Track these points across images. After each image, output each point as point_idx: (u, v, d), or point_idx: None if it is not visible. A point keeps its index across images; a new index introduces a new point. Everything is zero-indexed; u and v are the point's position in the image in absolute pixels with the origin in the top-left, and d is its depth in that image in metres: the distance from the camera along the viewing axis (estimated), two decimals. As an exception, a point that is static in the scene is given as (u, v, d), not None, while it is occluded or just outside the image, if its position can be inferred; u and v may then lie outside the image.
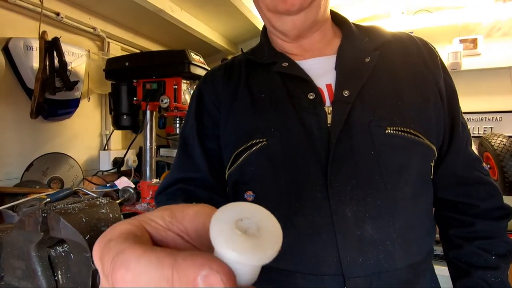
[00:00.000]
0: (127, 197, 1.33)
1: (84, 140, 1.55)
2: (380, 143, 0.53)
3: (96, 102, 1.61)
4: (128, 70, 1.37)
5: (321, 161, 0.53)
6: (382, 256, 0.50)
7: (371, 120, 0.53)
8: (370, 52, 0.59)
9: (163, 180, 0.68)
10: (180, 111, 1.37)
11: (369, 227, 0.51)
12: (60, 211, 0.57)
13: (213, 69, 0.72)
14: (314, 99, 0.56)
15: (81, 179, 1.48)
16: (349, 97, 0.54)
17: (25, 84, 1.22)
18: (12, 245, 0.60)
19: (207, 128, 0.65)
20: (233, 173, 0.60)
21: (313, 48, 0.62)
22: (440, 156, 0.61)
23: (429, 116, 0.56)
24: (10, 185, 1.17)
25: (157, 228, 0.22)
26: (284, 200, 0.54)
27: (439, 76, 0.60)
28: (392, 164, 0.53)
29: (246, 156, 0.58)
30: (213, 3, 1.60)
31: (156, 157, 1.50)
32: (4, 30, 1.17)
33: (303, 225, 0.53)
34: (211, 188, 0.63)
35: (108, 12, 1.50)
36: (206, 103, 0.66)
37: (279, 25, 0.59)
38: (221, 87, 0.65)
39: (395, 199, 0.52)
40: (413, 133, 0.53)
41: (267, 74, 0.62)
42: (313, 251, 0.52)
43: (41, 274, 0.57)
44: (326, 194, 0.52)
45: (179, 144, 0.69)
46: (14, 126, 1.23)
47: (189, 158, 0.65)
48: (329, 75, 0.59)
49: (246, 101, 0.61)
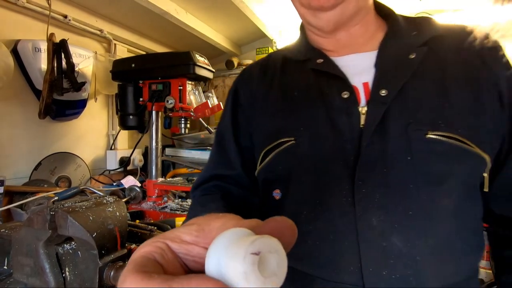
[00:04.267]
0: (133, 196, 1.34)
1: (91, 140, 1.57)
2: (418, 149, 0.47)
3: (103, 103, 1.63)
4: (134, 71, 1.39)
5: (350, 164, 0.49)
6: (410, 272, 0.45)
7: (410, 123, 0.48)
8: (416, 47, 0.52)
9: (199, 175, 0.68)
10: (185, 111, 1.38)
11: (396, 239, 0.46)
12: (68, 209, 0.58)
13: (250, 65, 0.71)
14: (348, 98, 0.51)
15: (88, 178, 1.49)
16: (387, 97, 0.49)
17: (33, 85, 1.23)
18: (20, 242, 0.61)
19: (241, 126, 0.64)
20: (262, 171, 0.59)
21: (352, 43, 0.57)
22: (498, 166, 0.51)
23: (483, 122, 0.48)
24: (19, 184, 1.18)
25: (183, 244, 0.24)
26: (308, 202, 0.51)
27: (501, 76, 0.50)
28: (431, 173, 0.47)
29: (274, 154, 0.56)
30: (218, 6, 1.61)
31: (161, 156, 1.51)
32: (13, 32, 1.19)
33: (325, 229, 0.49)
34: (245, 185, 0.63)
35: (114, 14, 1.52)
36: (240, 100, 0.65)
37: (314, 21, 0.55)
38: (256, 84, 0.64)
39: (431, 211, 0.46)
40: (460, 139, 0.46)
41: (301, 71, 0.59)
42: (333, 257, 0.49)
43: (49, 271, 0.58)
44: (352, 200, 0.47)
45: (215, 140, 0.68)
46: (23, 126, 1.25)
47: (224, 155, 0.65)
48: (367, 73, 0.53)
49: (278, 99, 0.59)
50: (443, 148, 0.46)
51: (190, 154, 1.74)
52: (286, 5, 1.78)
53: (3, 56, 1.06)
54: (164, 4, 1.44)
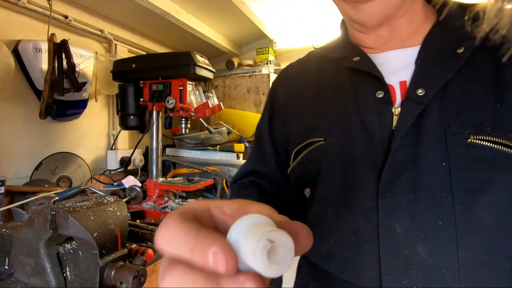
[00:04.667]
0: (134, 196, 1.35)
1: (92, 140, 1.57)
2: (456, 154, 0.42)
3: (103, 103, 1.63)
4: (135, 72, 1.39)
5: (377, 167, 0.46)
6: (435, 285, 0.42)
7: (450, 125, 0.43)
8: (466, 40, 0.46)
9: (240, 168, 0.70)
10: (186, 111, 1.38)
11: (421, 248, 0.43)
12: (69, 209, 0.58)
13: (289, 64, 0.69)
14: (382, 98, 0.48)
15: (89, 178, 1.49)
16: (424, 97, 0.45)
17: (34, 85, 1.24)
18: (21, 242, 0.61)
19: (277, 124, 0.64)
20: (294, 170, 0.59)
21: (394, 38, 0.52)
22: None
23: None
24: (19, 184, 1.19)
25: (222, 214, 0.26)
26: (333, 203, 0.50)
27: None
28: (470, 181, 0.42)
29: (305, 154, 0.55)
30: (218, 6, 1.61)
31: (162, 156, 1.51)
32: (14, 32, 1.19)
33: (347, 231, 0.48)
34: (279, 183, 0.64)
35: (115, 15, 1.52)
36: (278, 99, 0.65)
37: (356, 16, 0.51)
38: (293, 82, 0.64)
39: (465, 222, 0.42)
40: (511, 145, 0.41)
41: (337, 69, 0.56)
42: (354, 260, 0.47)
43: (50, 270, 0.58)
44: (376, 204, 0.45)
45: (254, 137, 0.70)
46: (23, 126, 1.25)
47: (261, 152, 0.66)
48: (407, 70, 0.49)
49: (311, 98, 0.58)
50: (487, 154, 0.41)
51: (191, 154, 1.75)
52: (286, 5, 1.79)
53: (4, 57, 1.07)
54: (165, 5, 1.45)
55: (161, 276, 0.23)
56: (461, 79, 0.45)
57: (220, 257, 0.20)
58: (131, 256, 0.78)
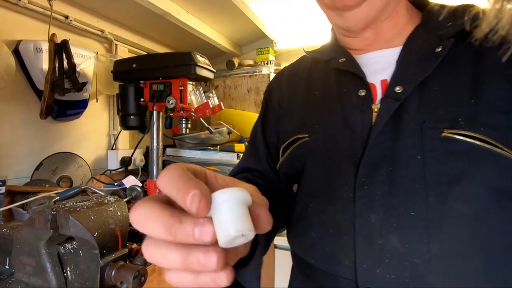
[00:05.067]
0: (135, 196, 1.35)
1: (93, 140, 1.57)
2: (431, 148, 0.44)
3: (104, 103, 1.63)
4: (135, 72, 1.39)
5: (356, 161, 0.49)
6: (407, 274, 0.43)
7: (426, 120, 0.45)
8: (445, 40, 0.48)
9: (234, 166, 0.73)
10: (186, 111, 1.38)
11: (395, 238, 0.44)
12: (69, 209, 0.58)
13: (285, 66, 0.73)
14: (364, 96, 0.51)
15: (90, 178, 1.49)
16: (401, 94, 0.47)
17: (35, 85, 1.24)
18: (22, 242, 0.61)
19: (270, 123, 0.68)
20: (282, 165, 0.62)
21: (379, 39, 0.55)
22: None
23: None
24: (20, 183, 1.19)
25: (213, 181, 0.31)
26: (316, 196, 0.53)
27: None
28: (444, 174, 0.43)
29: (291, 150, 0.59)
30: (218, 6, 1.61)
31: (162, 156, 1.51)
32: (15, 32, 1.19)
33: (327, 223, 0.51)
34: (271, 180, 0.66)
35: (116, 15, 1.52)
36: (272, 99, 0.69)
37: (342, 23, 0.54)
38: (286, 84, 0.67)
39: (438, 214, 0.43)
40: (485, 139, 0.42)
41: (325, 71, 0.60)
42: (332, 251, 0.50)
43: (50, 270, 0.58)
44: (353, 196, 0.48)
45: (250, 135, 0.73)
46: (24, 126, 1.25)
47: (255, 150, 0.69)
48: (388, 69, 0.51)
49: (301, 98, 0.61)
50: (461, 148, 0.43)
51: (191, 154, 1.75)
52: (286, 5, 1.79)
53: (5, 57, 1.07)
54: (165, 5, 1.45)
55: (133, 207, 0.28)
56: (440, 76, 0.47)
57: (197, 199, 0.24)
58: (131, 256, 0.78)
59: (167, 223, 0.25)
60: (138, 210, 0.27)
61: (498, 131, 0.42)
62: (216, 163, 1.67)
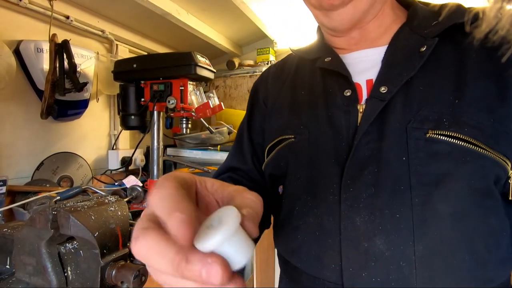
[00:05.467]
0: (135, 195, 1.35)
1: (93, 140, 1.57)
2: (416, 148, 0.44)
3: (104, 103, 1.63)
4: (136, 72, 1.39)
5: (342, 163, 0.48)
6: (393, 277, 0.43)
7: (411, 120, 0.45)
8: (429, 39, 0.48)
9: (220, 165, 0.72)
10: (186, 111, 1.38)
11: (380, 241, 0.44)
12: (70, 209, 0.58)
13: (271, 65, 0.73)
14: (349, 96, 0.50)
15: (90, 177, 1.49)
16: (386, 94, 0.46)
17: (35, 85, 1.24)
18: (23, 242, 0.61)
19: (255, 123, 0.67)
20: (267, 166, 0.61)
21: (365, 38, 0.55)
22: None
23: (504, 122, 0.43)
24: (21, 183, 1.19)
25: (204, 189, 0.32)
26: (301, 198, 0.52)
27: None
28: (428, 174, 0.43)
29: (276, 151, 0.58)
30: (218, 6, 1.61)
31: (163, 156, 1.51)
32: (16, 33, 1.20)
33: (312, 225, 0.50)
34: (255, 180, 0.65)
35: (116, 15, 1.52)
36: (258, 99, 0.68)
37: (328, 22, 0.54)
38: (271, 83, 0.66)
39: (422, 215, 0.43)
40: (468, 140, 0.42)
41: (311, 70, 0.59)
42: (318, 254, 0.49)
43: (51, 270, 0.58)
44: (339, 198, 0.47)
45: (236, 134, 0.72)
46: (25, 126, 1.25)
47: (240, 149, 0.68)
48: (374, 69, 0.51)
49: (287, 97, 0.61)
50: (444, 149, 0.43)
51: (192, 154, 1.75)
52: (286, 5, 1.78)
53: (6, 57, 1.07)
54: (166, 5, 1.45)
55: (135, 238, 0.26)
56: (425, 76, 0.46)
57: (185, 226, 0.24)
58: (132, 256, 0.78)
59: (173, 261, 0.24)
60: (140, 242, 0.25)
61: (480, 131, 0.42)
62: (217, 163, 1.67)
